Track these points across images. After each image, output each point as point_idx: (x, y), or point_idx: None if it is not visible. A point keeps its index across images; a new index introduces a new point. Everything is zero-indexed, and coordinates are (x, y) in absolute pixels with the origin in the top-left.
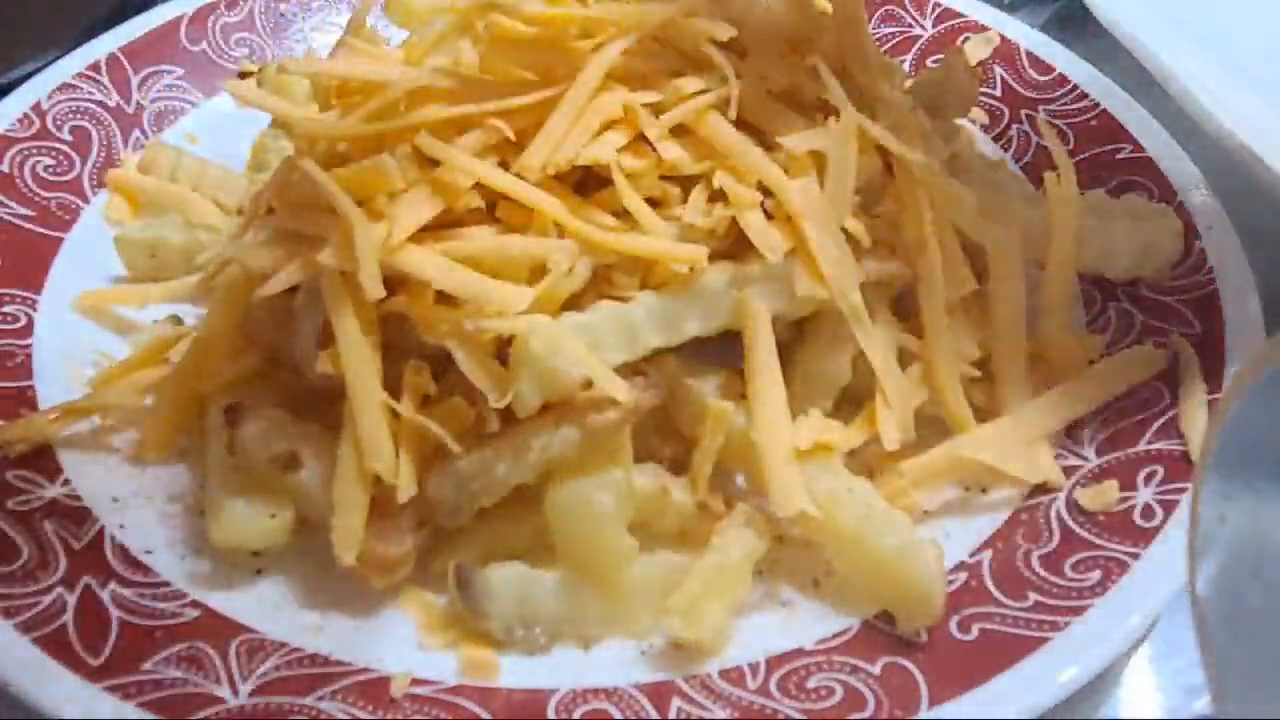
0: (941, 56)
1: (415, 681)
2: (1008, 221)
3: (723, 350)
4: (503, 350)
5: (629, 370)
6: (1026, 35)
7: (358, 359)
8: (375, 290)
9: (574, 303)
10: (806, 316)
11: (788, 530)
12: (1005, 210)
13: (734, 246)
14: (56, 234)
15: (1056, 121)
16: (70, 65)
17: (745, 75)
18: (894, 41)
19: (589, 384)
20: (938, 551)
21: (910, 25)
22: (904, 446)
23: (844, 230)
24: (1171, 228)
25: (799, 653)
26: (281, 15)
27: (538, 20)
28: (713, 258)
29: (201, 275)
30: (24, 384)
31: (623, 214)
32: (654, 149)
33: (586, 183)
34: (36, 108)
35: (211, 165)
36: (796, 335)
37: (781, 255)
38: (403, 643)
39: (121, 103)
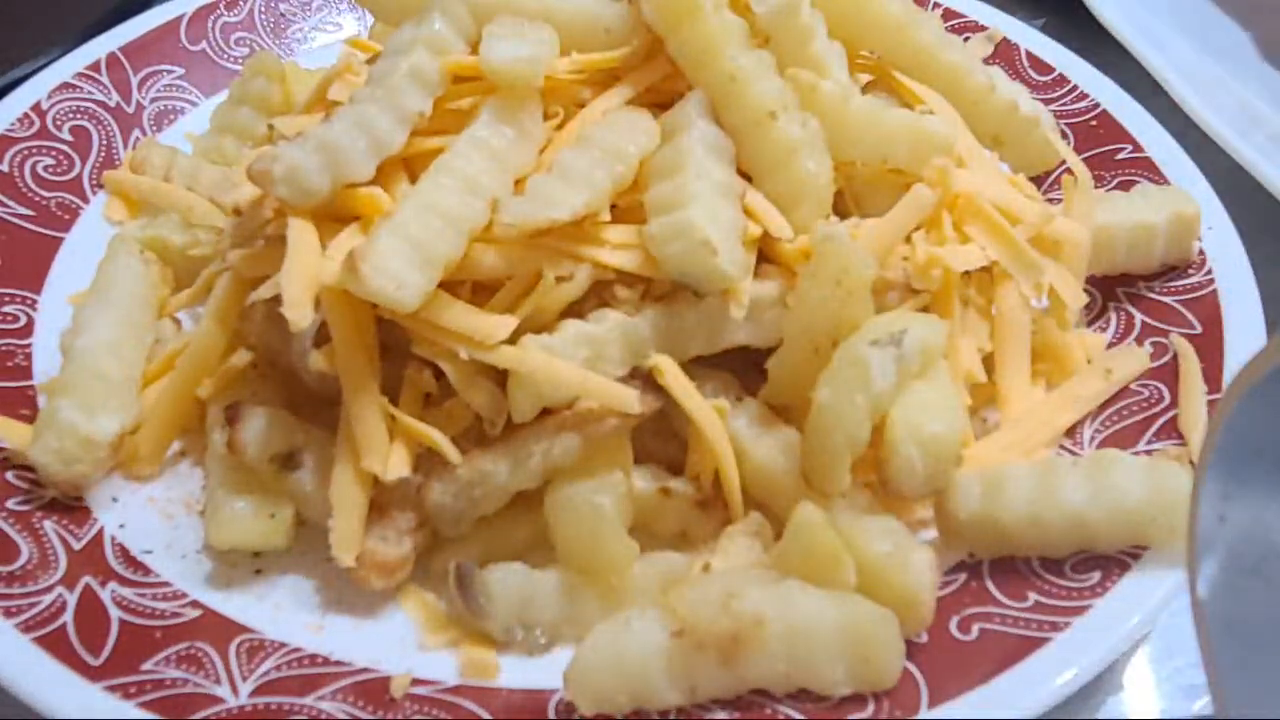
0: None
1: (415, 681)
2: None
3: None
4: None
5: (628, 373)
6: (1026, 35)
7: (354, 360)
8: None
9: (576, 309)
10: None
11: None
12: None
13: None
14: (56, 234)
15: (1057, 121)
16: (70, 65)
17: None
18: None
19: None
20: (928, 558)
21: None
22: None
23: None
24: (1189, 205)
25: None
26: (281, 15)
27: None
28: None
29: (202, 277)
30: (24, 384)
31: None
32: None
33: None
34: (36, 108)
35: (207, 164)
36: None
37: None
38: (403, 643)
39: (121, 102)
